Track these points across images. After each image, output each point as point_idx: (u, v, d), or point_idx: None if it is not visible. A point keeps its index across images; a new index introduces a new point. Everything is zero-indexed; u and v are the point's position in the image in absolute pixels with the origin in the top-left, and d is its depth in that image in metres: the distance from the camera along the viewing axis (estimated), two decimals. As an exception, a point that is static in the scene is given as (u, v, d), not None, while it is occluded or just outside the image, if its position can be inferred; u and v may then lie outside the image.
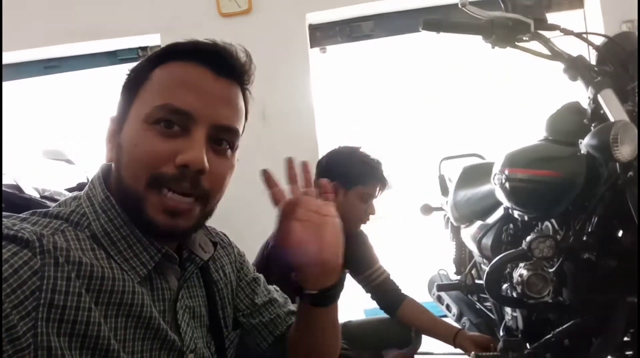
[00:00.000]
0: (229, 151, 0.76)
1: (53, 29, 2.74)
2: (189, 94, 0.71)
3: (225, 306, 0.90)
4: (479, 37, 1.20)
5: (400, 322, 1.77)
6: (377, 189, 1.76)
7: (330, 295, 0.83)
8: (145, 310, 0.70)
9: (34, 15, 2.75)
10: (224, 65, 0.74)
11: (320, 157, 2.57)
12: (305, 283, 0.82)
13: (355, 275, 1.87)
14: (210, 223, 0.98)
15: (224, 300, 0.90)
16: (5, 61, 2.85)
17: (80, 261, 0.65)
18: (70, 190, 1.40)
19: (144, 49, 2.85)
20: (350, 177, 1.72)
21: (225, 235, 1.00)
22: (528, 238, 1.14)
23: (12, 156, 2.85)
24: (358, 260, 1.81)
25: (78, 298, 0.63)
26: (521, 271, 1.15)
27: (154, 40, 2.74)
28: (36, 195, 1.79)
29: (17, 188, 1.65)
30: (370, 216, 1.79)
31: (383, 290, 1.79)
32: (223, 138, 0.74)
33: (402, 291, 1.79)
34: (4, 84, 2.93)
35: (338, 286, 0.83)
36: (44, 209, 0.71)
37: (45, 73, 2.92)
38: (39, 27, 2.74)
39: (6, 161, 2.66)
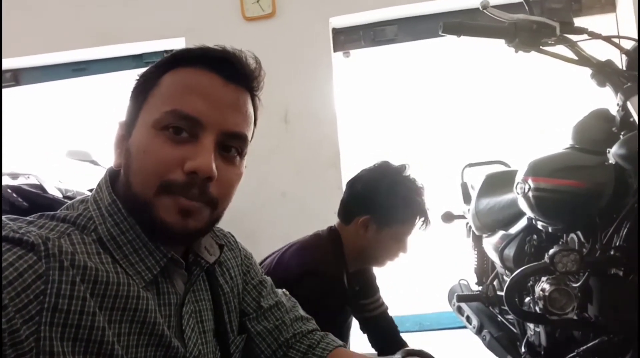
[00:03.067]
0: (238, 158, 0.76)
1: (81, 32, 2.81)
2: (197, 100, 0.70)
3: (231, 310, 0.89)
4: (502, 41, 1.16)
5: None
6: (414, 227, 1.49)
7: None
8: (149, 316, 0.69)
9: (62, 19, 2.82)
10: (233, 71, 0.74)
11: (340, 161, 2.59)
12: None
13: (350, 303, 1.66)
14: (227, 226, 0.98)
15: (229, 304, 0.89)
16: (34, 63, 2.95)
17: (86, 265, 0.65)
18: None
19: (169, 52, 2.88)
20: (387, 214, 1.44)
21: (232, 235, 0.99)
22: (551, 251, 1.09)
23: (38, 157, 2.93)
24: (360, 286, 1.65)
25: (82, 302, 0.62)
26: (543, 286, 1.10)
27: (179, 43, 2.78)
28: (59, 195, 1.82)
29: (41, 187, 1.68)
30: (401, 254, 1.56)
31: (379, 327, 1.67)
32: (232, 145, 0.74)
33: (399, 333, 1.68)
34: (35, 86, 3.01)
35: None
36: (51, 213, 0.71)
37: (73, 76, 3.00)
38: (67, 30, 2.81)
39: (32, 161, 2.73)
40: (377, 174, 1.52)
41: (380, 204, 1.45)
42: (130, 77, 0.79)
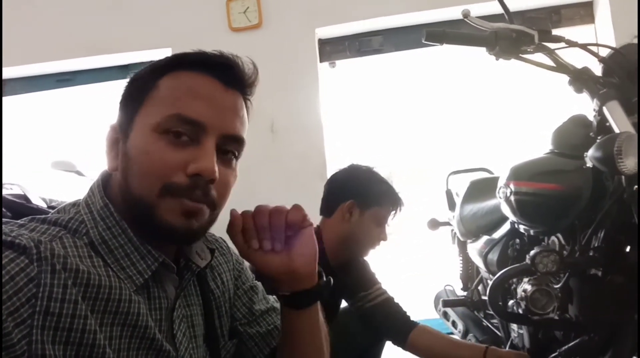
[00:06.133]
0: (234, 161, 0.77)
1: (66, 43, 2.80)
2: (200, 104, 0.71)
3: (222, 315, 0.89)
4: (483, 49, 1.20)
5: (413, 351, 1.56)
6: (392, 213, 1.64)
7: (303, 297, 0.82)
8: (141, 320, 0.70)
9: (48, 29, 2.81)
10: (232, 76, 0.75)
11: (327, 171, 2.60)
12: (278, 285, 0.83)
13: (348, 298, 1.69)
14: (217, 234, 0.98)
15: (220, 309, 0.89)
16: (19, 74, 2.92)
17: (77, 268, 0.65)
18: (78, 201, 1.43)
19: (155, 62, 2.88)
20: (368, 196, 1.59)
21: (224, 240, 0.99)
22: (532, 253, 1.12)
23: (23, 167, 2.90)
24: (352, 282, 1.65)
25: (74, 305, 0.62)
26: (525, 287, 1.12)
27: (166, 54, 2.72)
28: (43, 205, 1.81)
29: (25, 198, 1.67)
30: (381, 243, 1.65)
31: (385, 313, 1.60)
32: (230, 148, 0.75)
33: (411, 317, 1.60)
34: (18, 96, 2.99)
35: (313, 291, 0.83)
36: (43, 216, 0.72)
37: (58, 86, 2.98)
38: (52, 41, 2.80)
39: (16, 171, 2.70)
40: (352, 166, 1.70)
41: (362, 187, 1.60)
42: (116, 88, 0.79)
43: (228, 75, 0.75)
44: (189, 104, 0.71)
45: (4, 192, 1.46)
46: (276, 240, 0.79)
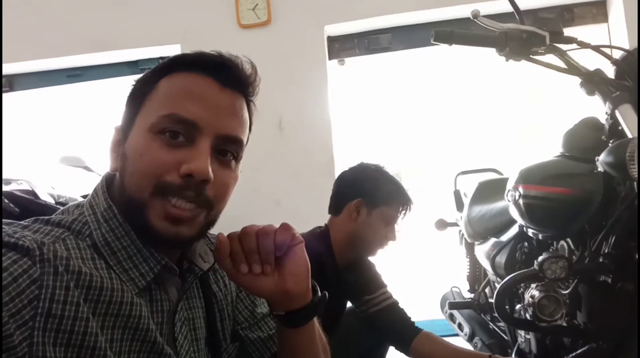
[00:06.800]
0: (233, 162, 0.76)
1: (76, 39, 2.80)
2: (194, 104, 0.71)
3: (224, 318, 0.88)
4: (493, 50, 1.18)
5: (416, 357, 1.55)
6: (401, 213, 1.62)
7: (298, 316, 0.81)
8: (142, 322, 0.69)
9: (57, 25, 2.81)
10: (229, 76, 0.74)
11: (335, 168, 2.60)
12: (271, 305, 0.82)
13: (353, 301, 1.69)
14: (223, 233, 0.97)
15: (222, 312, 0.88)
16: (28, 69, 2.93)
17: (80, 270, 0.64)
18: (86, 197, 1.43)
19: (164, 58, 2.87)
20: (376, 195, 1.57)
21: None
22: (540, 258, 1.10)
23: (32, 162, 2.91)
24: (358, 284, 1.65)
25: (76, 308, 0.62)
26: (532, 293, 1.11)
27: (175, 50, 2.78)
28: (51, 201, 1.82)
29: (33, 193, 1.68)
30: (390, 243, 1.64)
31: (390, 318, 1.59)
32: (227, 149, 0.74)
33: (415, 323, 1.60)
34: (29, 91, 3.00)
35: (307, 309, 0.81)
36: (46, 217, 0.71)
37: (68, 82, 2.98)
38: (62, 37, 2.81)
39: (25, 166, 2.71)
40: (361, 164, 1.68)
41: (371, 186, 1.58)
42: (125, 84, 0.79)
43: (225, 75, 0.74)
44: (182, 103, 0.70)
45: (13, 187, 1.46)
46: (265, 262, 0.77)
